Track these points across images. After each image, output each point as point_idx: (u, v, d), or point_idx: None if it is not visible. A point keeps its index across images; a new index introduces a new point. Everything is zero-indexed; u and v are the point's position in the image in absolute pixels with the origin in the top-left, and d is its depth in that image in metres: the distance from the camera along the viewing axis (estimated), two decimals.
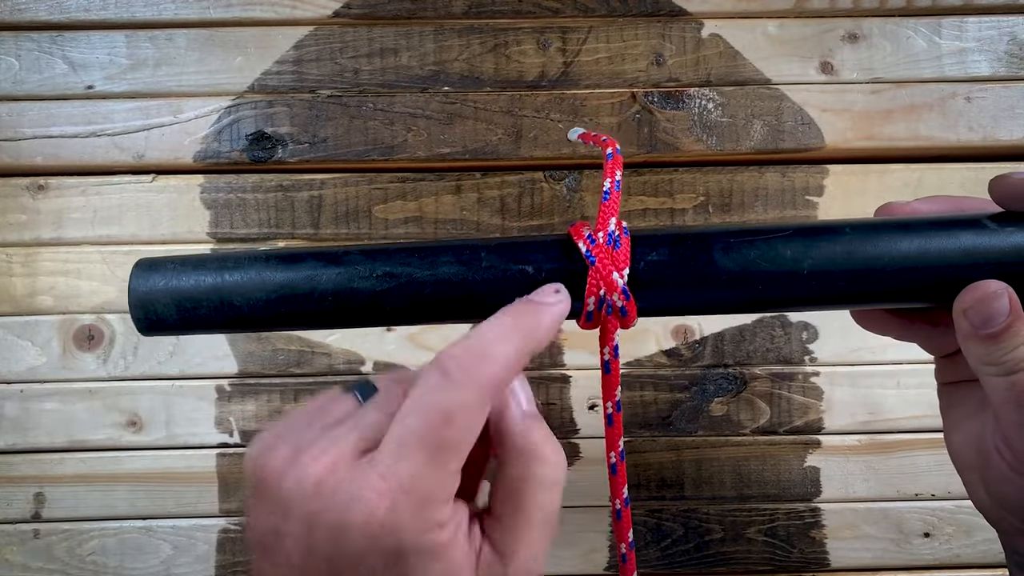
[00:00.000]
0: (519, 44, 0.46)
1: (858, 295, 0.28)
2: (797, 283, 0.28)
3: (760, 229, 0.29)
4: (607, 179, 0.28)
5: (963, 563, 0.46)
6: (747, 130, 0.46)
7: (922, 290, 0.28)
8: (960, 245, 0.28)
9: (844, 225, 0.29)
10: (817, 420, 0.46)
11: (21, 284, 0.46)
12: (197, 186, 0.46)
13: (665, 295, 0.29)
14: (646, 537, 0.46)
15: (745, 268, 0.28)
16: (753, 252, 0.28)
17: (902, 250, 0.28)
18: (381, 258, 0.29)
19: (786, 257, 0.28)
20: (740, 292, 0.28)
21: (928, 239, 0.28)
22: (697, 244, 0.28)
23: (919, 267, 0.28)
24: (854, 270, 0.28)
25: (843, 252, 0.28)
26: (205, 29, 0.46)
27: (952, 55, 0.46)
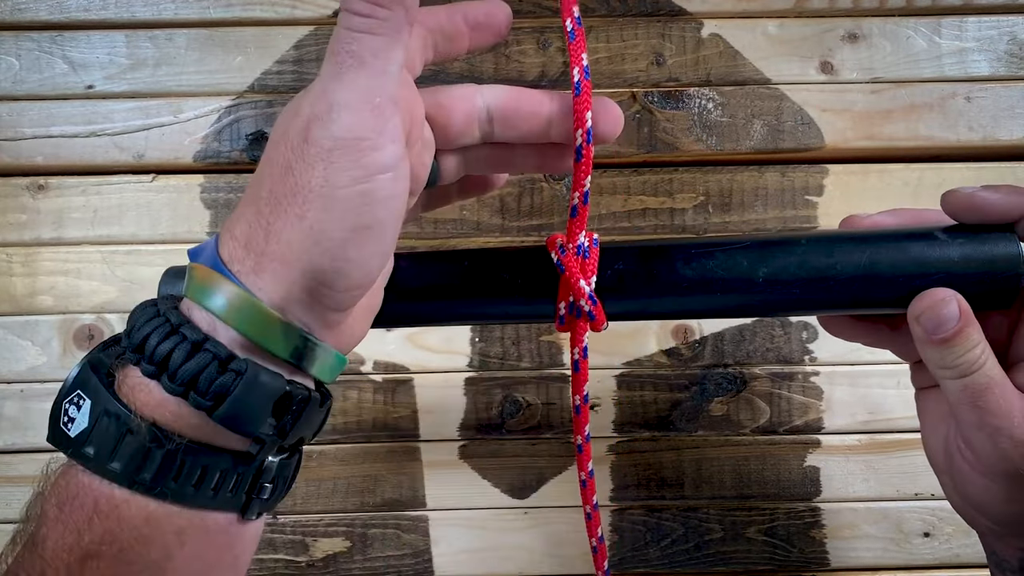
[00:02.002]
0: (519, 44, 0.46)
1: (813, 302, 0.30)
2: (753, 290, 0.30)
3: (720, 242, 0.31)
4: (576, 192, 0.29)
5: (963, 563, 0.46)
6: (747, 130, 0.46)
7: (875, 298, 0.30)
8: (911, 255, 0.29)
9: (801, 237, 0.30)
10: (817, 420, 0.46)
11: (21, 284, 0.46)
12: (197, 186, 0.46)
13: (631, 301, 0.31)
14: (646, 536, 0.46)
15: (704, 276, 0.30)
16: (711, 262, 0.30)
17: (854, 260, 0.29)
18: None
19: (743, 266, 0.30)
20: (700, 299, 0.30)
21: (880, 249, 0.29)
22: (660, 255, 0.31)
23: (870, 276, 0.29)
24: (807, 278, 0.30)
25: (797, 262, 0.30)
26: (205, 29, 0.46)
27: (952, 55, 0.46)
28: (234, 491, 0.24)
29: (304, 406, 0.24)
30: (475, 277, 0.31)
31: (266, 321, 0.23)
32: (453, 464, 0.46)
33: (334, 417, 0.45)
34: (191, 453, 0.22)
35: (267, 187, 0.23)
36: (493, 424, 0.46)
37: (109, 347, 0.25)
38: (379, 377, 0.46)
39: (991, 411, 0.28)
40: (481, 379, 0.46)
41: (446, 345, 0.46)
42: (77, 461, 0.22)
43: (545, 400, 0.46)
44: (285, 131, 0.23)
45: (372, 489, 0.45)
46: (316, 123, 0.22)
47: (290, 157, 0.23)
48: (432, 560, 0.45)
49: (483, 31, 0.28)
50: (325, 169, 0.22)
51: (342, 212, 0.22)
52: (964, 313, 0.28)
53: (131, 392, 0.23)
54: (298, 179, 0.22)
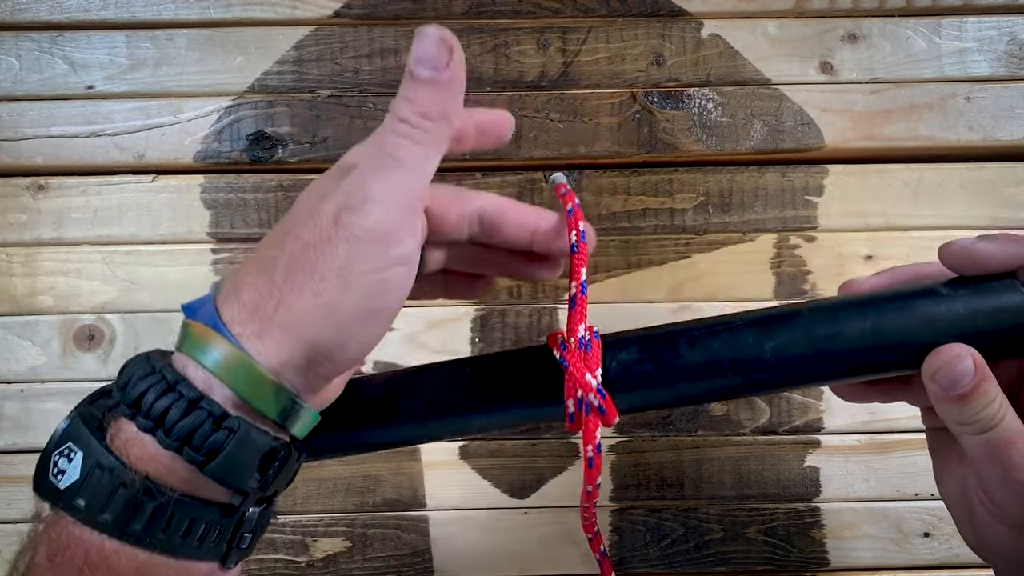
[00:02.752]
0: (519, 44, 0.46)
1: (823, 374, 0.30)
2: (762, 368, 0.29)
3: (722, 321, 0.30)
4: (573, 283, 0.29)
5: (963, 563, 0.46)
6: (747, 130, 0.46)
7: (886, 362, 0.29)
8: (916, 315, 0.29)
9: (803, 308, 0.30)
10: (817, 420, 0.46)
11: (21, 284, 0.46)
12: (197, 186, 0.46)
13: (641, 393, 0.30)
14: (646, 537, 0.46)
15: (710, 358, 0.29)
16: (716, 343, 0.29)
17: (859, 326, 0.29)
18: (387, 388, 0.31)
19: (748, 344, 0.29)
20: (710, 382, 0.29)
21: (885, 313, 0.29)
22: (663, 341, 0.30)
23: (878, 341, 0.29)
24: (815, 351, 0.29)
25: (802, 335, 0.29)
26: (205, 29, 0.46)
27: (952, 55, 0.46)
28: (217, 541, 0.25)
29: (285, 461, 0.25)
30: (479, 385, 0.31)
31: (261, 383, 0.24)
32: (453, 464, 0.46)
33: None
34: (180, 505, 0.23)
35: (285, 260, 0.24)
36: None
37: (96, 400, 0.26)
38: None
39: (1015, 465, 0.28)
40: None
41: (446, 345, 0.46)
42: (68, 513, 0.23)
43: None
44: (313, 211, 0.25)
45: (372, 489, 0.45)
46: (348, 211, 0.24)
47: (315, 237, 0.24)
48: (432, 560, 0.45)
49: (488, 136, 0.29)
50: (348, 254, 0.24)
51: (358, 295, 0.24)
52: (979, 368, 0.28)
53: (124, 446, 0.23)
54: (320, 258, 0.24)
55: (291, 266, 0.24)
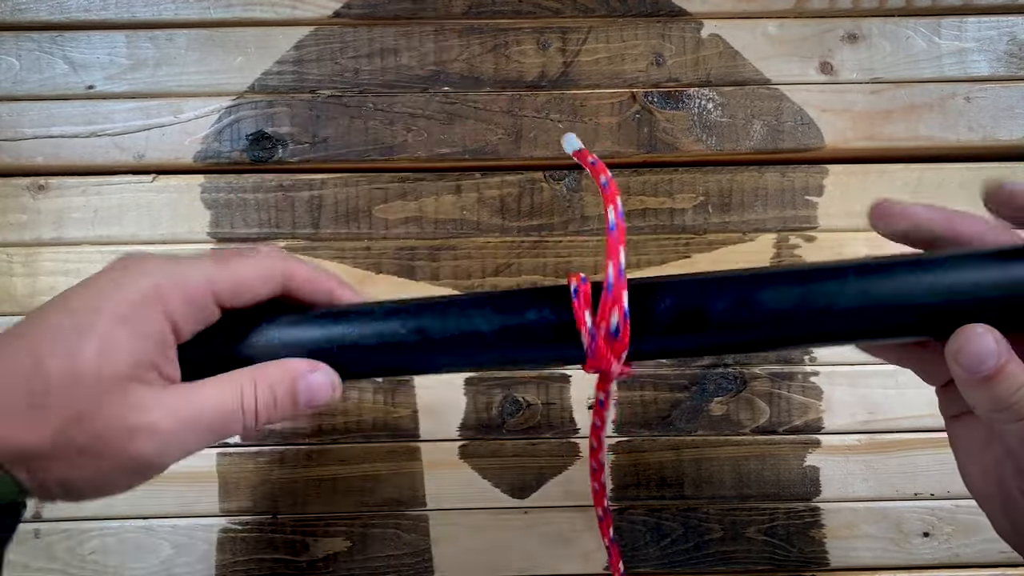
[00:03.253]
0: (519, 44, 0.46)
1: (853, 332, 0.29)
2: (810, 322, 0.28)
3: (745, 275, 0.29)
4: (610, 262, 0.28)
5: (962, 563, 0.46)
6: (747, 130, 0.46)
7: (908, 326, 0.28)
8: (946, 283, 0.27)
9: (847, 266, 0.29)
10: (817, 420, 0.46)
11: (22, 284, 0.46)
12: (197, 186, 0.46)
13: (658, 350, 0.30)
14: (646, 537, 0.46)
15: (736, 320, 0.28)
16: (745, 312, 0.28)
17: (902, 287, 0.28)
18: (402, 315, 0.30)
19: (790, 300, 0.28)
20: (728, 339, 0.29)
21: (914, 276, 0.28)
22: (694, 320, 0.29)
23: (899, 306, 0.28)
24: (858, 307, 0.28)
25: (855, 292, 0.28)
26: (205, 29, 0.46)
27: (952, 55, 0.46)
28: None
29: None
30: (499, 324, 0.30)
31: None
32: (453, 464, 0.46)
33: (334, 417, 0.45)
34: None
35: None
36: (493, 424, 0.46)
37: None
38: (379, 377, 0.46)
39: None
40: (481, 379, 0.46)
41: None
42: None
43: (545, 400, 0.46)
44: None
45: (372, 489, 0.46)
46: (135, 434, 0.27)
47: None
48: (432, 560, 0.45)
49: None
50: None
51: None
52: (1003, 348, 0.26)
53: None
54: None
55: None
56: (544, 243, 0.46)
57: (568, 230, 0.46)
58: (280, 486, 0.45)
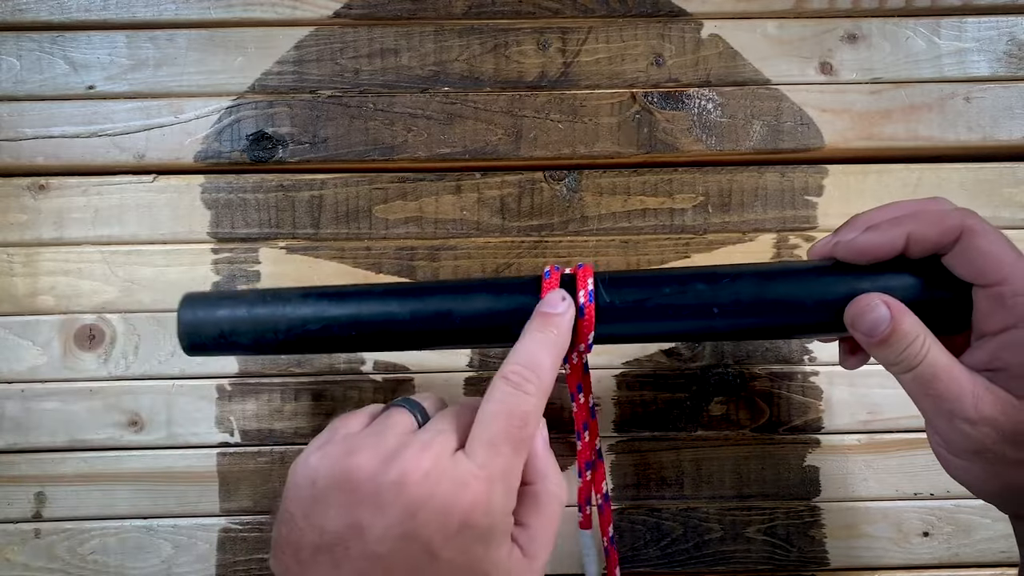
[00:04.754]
0: (519, 44, 0.46)
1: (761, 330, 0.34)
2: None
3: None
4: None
5: (962, 562, 0.46)
6: (747, 130, 0.46)
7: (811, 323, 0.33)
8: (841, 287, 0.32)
9: (730, 273, 0.34)
10: (816, 419, 0.46)
11: (22, 284, 0.46)
12: (198, 186, 0.46)
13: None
14: (645, 536, 0.46)
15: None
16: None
17: (789, 292, 0.33)
18: (412, 297, 0.35)
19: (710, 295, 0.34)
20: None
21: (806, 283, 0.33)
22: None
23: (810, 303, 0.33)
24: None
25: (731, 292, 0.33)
26: (206, 29, 0.46)
27: (951, 55, 0.46)
28: None
29: None
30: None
31: None
32: None
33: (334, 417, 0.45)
34: None
35: None
36: None
37: None
38: (379, 377, 0.46)
39: (943, 397, 0.29)
40: (481, 379, 0.46)
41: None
42: None
43: None
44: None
45: None
46: None
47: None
48: None
49: None
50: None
51: None
52: (895, 311, 0.30)
53: None
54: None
55: None
56: (544, 243, 0.46)
57: (568, 230, 0.46)
58: (280, 486, 0.45)
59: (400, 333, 0.35)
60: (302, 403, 0.45)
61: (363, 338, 0.35)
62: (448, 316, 0.34)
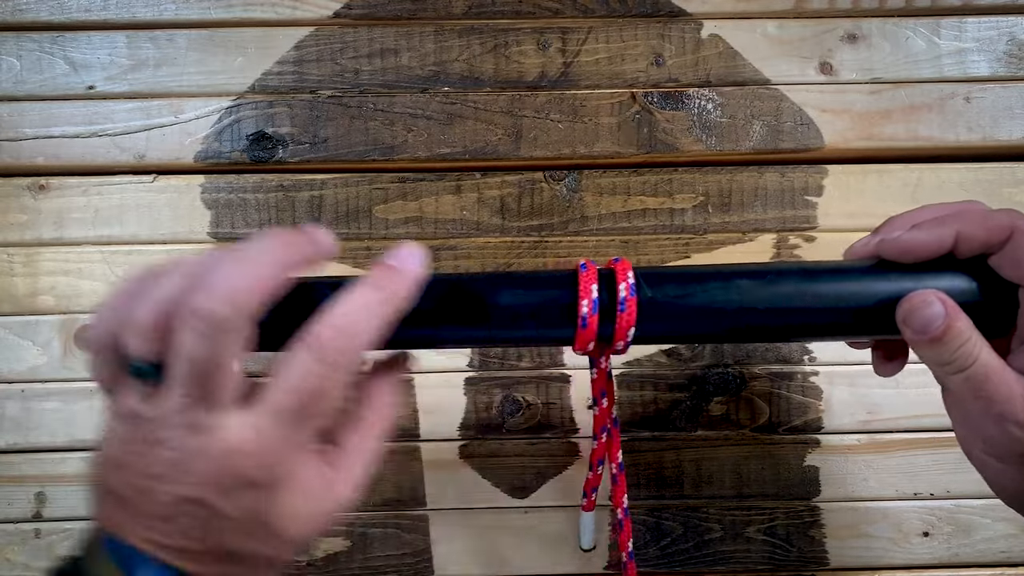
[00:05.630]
0: (519, 44, 0.46)
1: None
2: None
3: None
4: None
5: (962, 562, 0.46)
6: (746, 130, 0.46)
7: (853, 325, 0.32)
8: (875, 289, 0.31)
9: (773, 270, 0.32)
10: (816, 419, 0.46)
11: (22, 284, 0.46)
12: (198, 186, 0.46)
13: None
14: (645, 536, 0.46)
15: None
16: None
17: (826, 291, 0.32)
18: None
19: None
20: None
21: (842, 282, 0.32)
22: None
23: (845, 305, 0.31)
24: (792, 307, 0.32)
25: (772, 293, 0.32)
26: (206, 30, 0.46)
27: (951, 55, 0.46)
28: None
29: None
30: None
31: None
32: (453, 464, 0.46)
33: None
34: None
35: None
36: (493, 424, 0.46)
37: None
38: None
39: (994, 399, 0.29)
40: (481, 379, 0.46)
41: None
42: None
43: (545, 400, 0.46)
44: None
45: (372, 488, 0.46)
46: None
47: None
48: (432, 560, 0.45)
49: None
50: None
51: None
52: (950, 309, 0.29)
53: None
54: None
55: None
56: (544, 243, 0.46)
57: (568, 230, 0.46)
58: None
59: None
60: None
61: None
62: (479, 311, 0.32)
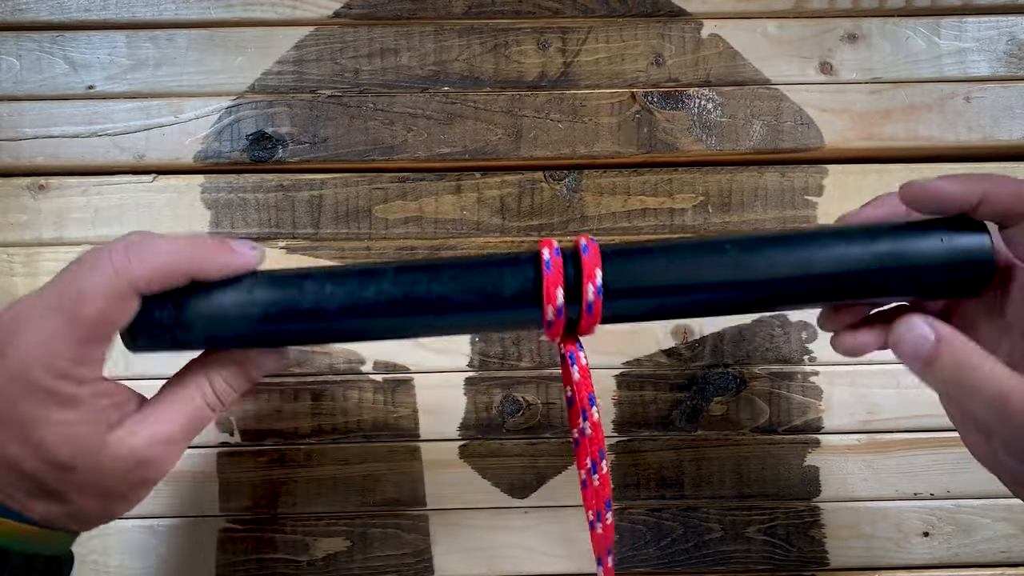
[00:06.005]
0: (519, 44, 0.46)
1: (794, 296, 0.32)
2: (739, 287, 0.32)
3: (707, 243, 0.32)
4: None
5: (962, 562, 0.46)
6: (746, 130, 0.46)
7: (838, 291, 0.31)
8: (870, 250, 0.31)
9: (725, 241, 0.32)
10: (816, 419, 0.46)
11: (22, 284, 0.46)
12: (198, 186, 0.46)
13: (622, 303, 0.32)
14: (645, 536, 0.46)
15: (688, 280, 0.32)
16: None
17: (826, 257, 0.31)
18: (374, 280, 0.32)
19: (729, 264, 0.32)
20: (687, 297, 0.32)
21: (838, 246, 0.31)
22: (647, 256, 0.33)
23: (836, 271, 0.31)
24: (783, 277, 0.31)
25: (770, 262, 0.31)
26: (206, 29, 0.46)
27: (951, 55, 0.46)
28: None
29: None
30: (466, 283, 0.32)
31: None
32: (453, 464, 0.46)
33: (334, 417, 0.45)
34: None
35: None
36: (493, 424, 0.46)
37: None
38: (379, 377, 0.46)
39: (1012, 414, 0.27)
40: (481, 379, 0.46)
41: (446, 345, 0.46)
42: None
43: (545, 400, 0.46)
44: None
45: (372, 488, 0.46)
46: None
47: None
48: (432, 560, 0.45)
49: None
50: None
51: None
52: (940, 334, 0.29)
53: None
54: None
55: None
56: None
57: (568, 230, 0.46)
58: (280, 486, 0.45)
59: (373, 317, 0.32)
60: (302, 403, 0.45)
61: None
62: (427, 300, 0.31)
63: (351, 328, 0.32)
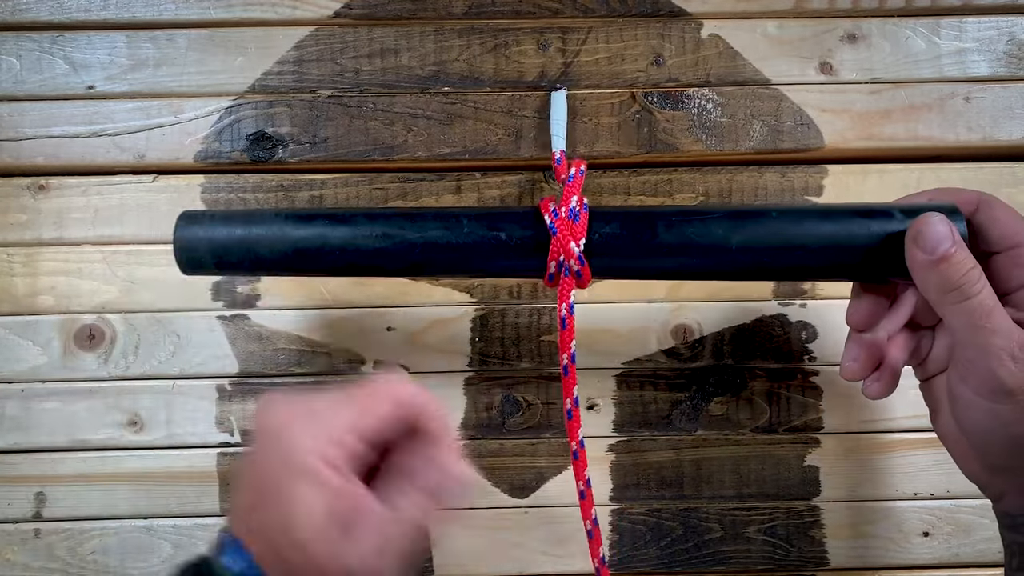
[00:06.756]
0: (519, 44, 0.46)
1: (783, 269, 0.35)
2: (726, 256, 0.34)
3: (698, 210, 0.35)
4: (572, 168, 0.37)
5: (962, 562, 0.46)
6: (746, 130, 0.46)
7: (839, 265, 0.34)
8: (869, 230, 0.34)
9: (771, 209, 0.35)
10: (816, 419, 0.46)
11: (22, 284, 0.46)
12: (198, 186, 0.46)
13: (616, 261, 0.36)
14: (645, 536, 0.46)
15: (682, 242, 0.35)
16: (689, 229, 0.35)
17: (819, 231, 0.34)
18: (380, 220, 0.36)
19: (718, 234, 0.34)
20: (678, 261, 0.35)
21: (843, 224, 0.34)
22: (644, 220, 0.35)
23: (833, 245, 0.34)
24: (777, 246, 0.34)
25: (767, 232, 0.34)
26: (206, 29, 0.46)
27: (951, 55, 0.46)
28: None
29: None
30: (473, 236, 0.35)
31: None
32: None
33: None
34: None
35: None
36: (493, 424, 0.46)
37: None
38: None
39: (996, 331, 0.30)
40: (481, 379, 0.46)
41: (446, 345, 0.46)
42: None
43: (545, 400, 0.46)
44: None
45: None
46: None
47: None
48: (432, 560, 0.45)
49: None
50: None
51: None
52: (956, 238, 0.31)
53: None
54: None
55: None
56: None
57: None
58: None
59: (416, 261, 0.36)
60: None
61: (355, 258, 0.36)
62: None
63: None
